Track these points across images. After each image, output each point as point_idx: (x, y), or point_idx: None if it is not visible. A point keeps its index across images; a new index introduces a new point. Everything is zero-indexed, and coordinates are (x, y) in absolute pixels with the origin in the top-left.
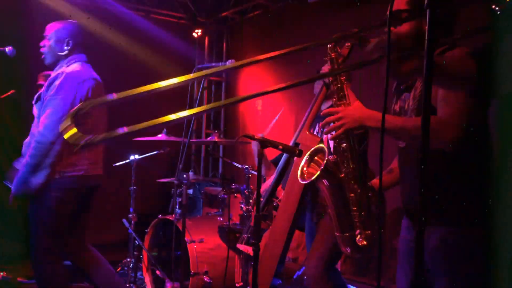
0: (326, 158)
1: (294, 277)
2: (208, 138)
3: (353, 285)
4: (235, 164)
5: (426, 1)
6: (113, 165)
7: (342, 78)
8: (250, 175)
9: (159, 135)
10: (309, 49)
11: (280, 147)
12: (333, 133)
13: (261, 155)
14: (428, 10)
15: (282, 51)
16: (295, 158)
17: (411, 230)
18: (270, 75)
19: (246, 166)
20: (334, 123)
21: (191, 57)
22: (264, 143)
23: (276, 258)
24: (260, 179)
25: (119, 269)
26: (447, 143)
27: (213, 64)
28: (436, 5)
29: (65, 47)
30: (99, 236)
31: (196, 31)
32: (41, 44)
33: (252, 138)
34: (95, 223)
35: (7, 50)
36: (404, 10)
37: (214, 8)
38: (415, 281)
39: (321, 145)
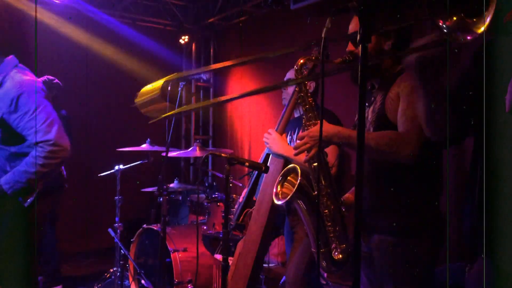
0: (299, 179)
1: (281, 282)
2: (189, 149)
3: None
4: (217, 173)
5: (358, 37)
6: (98, 175)
7: (309, 99)
8: (231, 185)
9: (143, 145)
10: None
11: (247, 163)
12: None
13: (228, 173)
14: (361, 45)
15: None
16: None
17: (364, 239)
18: (257, 79)
19: None
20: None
21: (178, 64)
22: (231, 160)
23: (249, 267)
24: (228, 197)
25: (107, 276)
26: (405, 158)
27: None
28: (368, 40)
29: None
30: (87, 244)
31: (183, 37)
32: None
33: (219, 156)
34: (83, 232)
35: None
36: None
37: (200, 14)
38: None
39: (294, 164)
